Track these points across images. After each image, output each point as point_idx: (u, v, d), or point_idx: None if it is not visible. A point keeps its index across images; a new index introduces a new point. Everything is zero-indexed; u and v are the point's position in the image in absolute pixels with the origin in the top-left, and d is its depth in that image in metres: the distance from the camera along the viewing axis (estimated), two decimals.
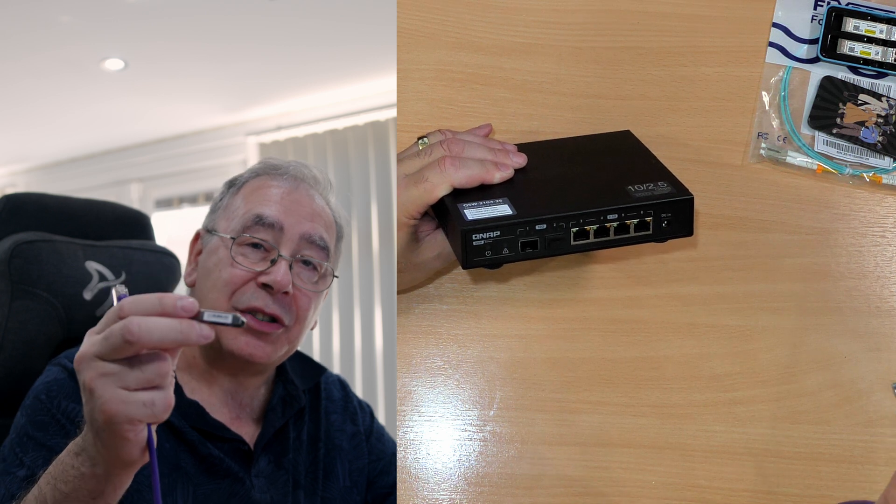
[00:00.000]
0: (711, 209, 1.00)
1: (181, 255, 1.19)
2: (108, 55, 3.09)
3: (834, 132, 0.99)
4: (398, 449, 0.99)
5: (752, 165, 1.00)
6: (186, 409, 1.01)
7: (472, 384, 0.99)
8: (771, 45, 1.01)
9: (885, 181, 1.00)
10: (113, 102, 3.57)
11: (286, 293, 1.02)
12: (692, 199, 0.83)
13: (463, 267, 0.82)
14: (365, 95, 3.42)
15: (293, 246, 1.04)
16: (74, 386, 0.96)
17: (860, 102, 0.99)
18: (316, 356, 2.96)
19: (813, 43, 1.00)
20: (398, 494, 0.98)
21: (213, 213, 1.10)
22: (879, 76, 1.00)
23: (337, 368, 3.36)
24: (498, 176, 0.86)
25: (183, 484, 0.99)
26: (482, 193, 0.85)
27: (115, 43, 2.99)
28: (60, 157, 4.36)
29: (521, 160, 0.88)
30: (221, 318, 0.69)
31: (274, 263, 1.02)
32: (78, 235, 1.23)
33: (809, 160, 1.00)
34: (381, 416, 2.74)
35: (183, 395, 1.02)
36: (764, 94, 1.00)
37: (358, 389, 3.36)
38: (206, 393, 1.05)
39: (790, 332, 0.99)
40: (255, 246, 1.03)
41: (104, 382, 0.66)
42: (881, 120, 0.99)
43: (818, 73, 1.00)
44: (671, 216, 0.82)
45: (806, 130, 1.00)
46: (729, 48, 1.01)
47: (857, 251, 1.00)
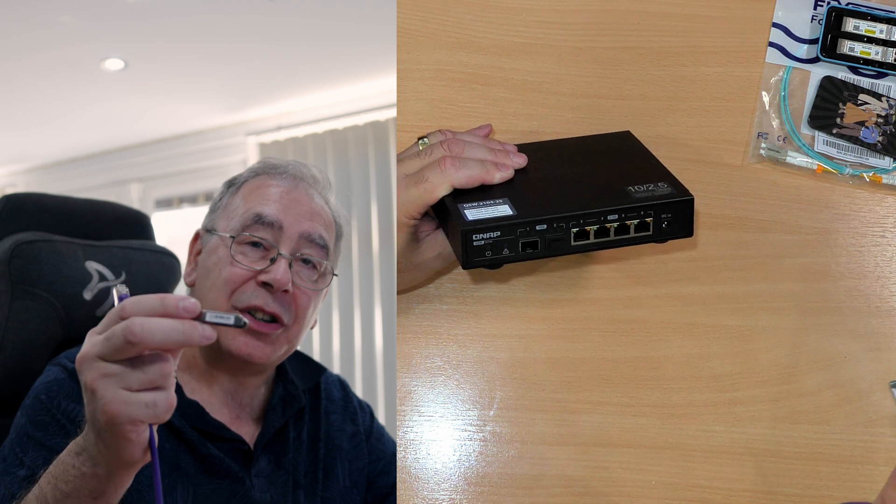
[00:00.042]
0: (711, 209, 1.00)
1: (181, 255, 1.19)
2: (108, 55, 3.09)
3: (834, 132, 0.99)
4: (398, 449, 0.99)
5: (752, 165, 1.00)
6: (186, 409, 1.01)
7: (472, 384, 0.99)
8: (771, 45, 1.01)
9: (885, 181, 0.99)
10: (113, 102, 3.57)
11: (286, 291, 1.02)
12: (692, 199, 0.83)
13: (463, 267, 0.82)
14: (365, 95, 3.42)
15: (292, 244, 1.04)
16: (74, 386, 0.96)
17: (860, 102, 0.99)
18: (316, 356, 2.95)
19: (813, 43, 1.00)
20: (398, 494, 0.98)
21: (212, 212, 1.10)
22: (879, 76, 1.00)
23: (337, 368, 3.36)
24: (498, 176, 0.86)
25: (183, 484, 0.99)
26: (482, 194, 0.85)
27: (115, 43, 2.99)
28: (60, 157, 4.36)
29: (521, 160, 0.89)
30: (223, 318, 0.69)
31: (273, 262, 1.02)
32: (78, 235, 1.23)
33: (809, 160, 1.00)
34: (381, 416, 2.73)
35: (183, 395, 1.02)
36: (764, 94, 1.00)
37: (358, 389, 3.35)
38: (206, 393, 1.05)
39: (790, 332, 0.99)
40: (254, 245, 1.03)
41: (106, 383, 0.66)
42: (881, 120, 0.99)
43: (818, 73, 1.00)
44: (671, 217, 0.82)
45: (806, 130, 1.00)
46: (729, 48, 1.01)
47: (857, 251, 1.00)
